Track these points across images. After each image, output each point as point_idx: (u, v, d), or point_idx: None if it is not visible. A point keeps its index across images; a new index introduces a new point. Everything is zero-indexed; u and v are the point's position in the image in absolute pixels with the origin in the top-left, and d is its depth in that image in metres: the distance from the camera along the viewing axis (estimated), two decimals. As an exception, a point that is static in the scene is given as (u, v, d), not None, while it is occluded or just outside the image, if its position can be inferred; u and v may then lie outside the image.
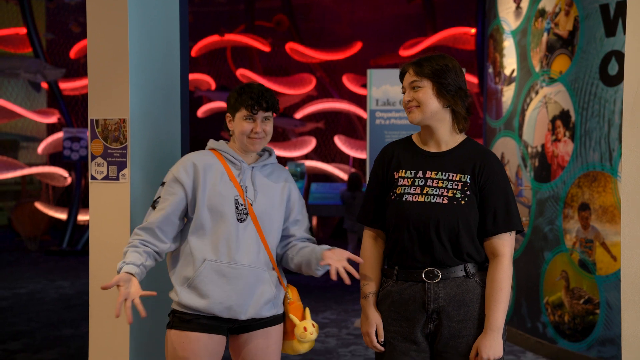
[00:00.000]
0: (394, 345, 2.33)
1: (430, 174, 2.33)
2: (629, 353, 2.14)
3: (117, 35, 2.97)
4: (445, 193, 2.29)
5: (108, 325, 2.98)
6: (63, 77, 11.61)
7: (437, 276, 2.28)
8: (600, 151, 4.72)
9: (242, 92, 2.54)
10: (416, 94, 2.32)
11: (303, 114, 13.05)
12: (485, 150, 2.38)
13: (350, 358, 5.14)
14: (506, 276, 2.27)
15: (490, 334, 2.25)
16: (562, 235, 5.02)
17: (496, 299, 2.26)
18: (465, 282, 2.29)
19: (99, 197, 3.01)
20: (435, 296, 2.28)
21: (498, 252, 2.29)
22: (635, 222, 2.15)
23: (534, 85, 5.37)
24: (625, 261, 2.16)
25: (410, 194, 2.32)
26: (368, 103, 6.19)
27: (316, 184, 10.11)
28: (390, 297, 2.34)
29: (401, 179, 2.35)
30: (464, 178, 2.30)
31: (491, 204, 2.29)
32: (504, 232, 2.29)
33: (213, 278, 2.46)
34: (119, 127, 2.97)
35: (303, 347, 2.59)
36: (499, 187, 2.30)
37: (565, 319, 4.98)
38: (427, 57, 2.36)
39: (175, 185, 2.50)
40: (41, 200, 12.24)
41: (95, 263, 3.01)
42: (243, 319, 2.49)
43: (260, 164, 2.59)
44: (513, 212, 2.30)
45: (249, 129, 2.52)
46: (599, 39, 4.72)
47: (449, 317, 2.28)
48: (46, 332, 5.91)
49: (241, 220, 2.49)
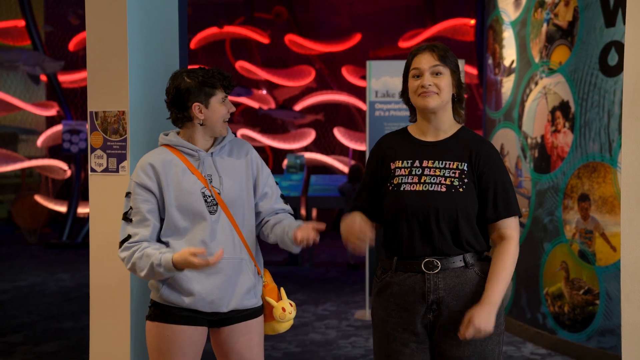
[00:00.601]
0: (394, 336, 2.33)
1: (427, 163, 2.33)
2: (628, 343, 2.14)
3: (116, 27, 2.96)
4: (443, 181, 2.29)
5: (108, 317, 2.98)
6: (62, 69, 11.59)
7: (437, 267, 2.28)
8: (600, 142, 4.71)
9: (210, 75, 2.42)
10: (438, 80, 2.31)
11: (302, 106, 13.03)
12: (481, 138, 2.39)
13: (351, 350, 5.15)
14: (512, 257, 2.28)
15: (485, 306, 2.22)
16: (561, 226, 5.02)
17: (498, 276, 2.26)
18: (464, 272, 2.29)
19: (98, 189, 3.01)
20: (435, 287, 2.28)
21: (506, 236, 2.30)
22: (635, 212, 2.15)
23: (533, 76, 5.36)
24: (625, 251, 2.17)
25: (408, 184, 2.32)
26: (367, 95, 6.18)
27: (316, 176, 10.10)
28: (390, 288, 2.34)
29: (398, 169, 2.35)
30: (462, 166, 2.31)
31: (490, 190, 2.30)
32: (505, 217, 2.30)
33: (192, 275, 2.42)
34: (119, 120, 2.97)
35: (282, 327, 2.60)
36: (497, 174, 2.31)
37: (565, 310, 4.99)
38: (440, 45, 2.36)
39: (142, 192, 2.41)
40: (41, 193, 12.24)
41: (96, 255, 3.02)
42: (225, 311, 2.47)
43: (217, 147, 2.50)
44: (512, 197, 2.32)
45: (226, 111, 2.46)
46: (599, 30, 4.71)
47: (449, 307, 2.28)
48: (47, 324, 5.92)
49: (212, 212, 2.43)
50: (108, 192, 2.99)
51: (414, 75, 2.34)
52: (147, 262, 2.36)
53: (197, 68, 2.48)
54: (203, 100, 2.42)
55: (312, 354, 5.01)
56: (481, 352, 2.28)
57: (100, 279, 3.00)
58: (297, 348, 5.14)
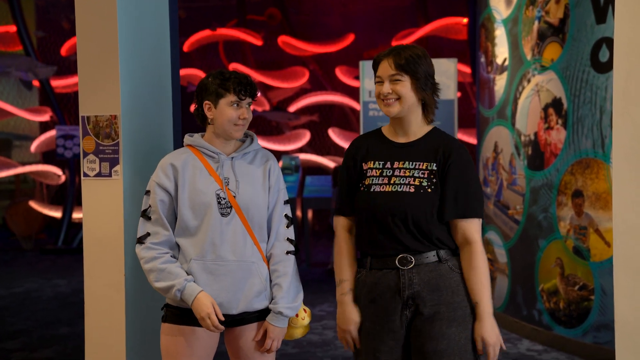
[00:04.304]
0: (372, 335, 2.35)
1: (398, 164, 2.36)
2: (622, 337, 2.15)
3: (107, 31, 2.96)
4: (412, 182, 2.32)
5: (104, 322, 2.98)
6: (54, 74, 11.56)
7: (411, 262, 2.31)
8: (592, 138, 4.72)
9: (226, 78, 2.50)
10: (396, 87, 2.33)
11: (297, 107, 13.03)
12: (451, 138, 2.41)
13: (348, 350, 5.15)
14: (483, 261, 2.31)
15: (487, 320, 2.28)
16: (556, 223, 5.03)
17: (481, 286, 2.29)
18: (438, 266, 2.31)
19: (91, 194, 3.00)
20: (409, 282, 2.30)
21: (470, 239, 2.31)
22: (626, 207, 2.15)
23: (525, 74, 5.37)
24: (617, 246, 2.17)
25: (378, 185, 2.35)
26: (361, 95, 6.19)
27: (311, 177, 10.09)
28: (366, 287, 2.37)
29: (370, 170, 2.39)
30: (430, 166, 2.33)
31: (452, 188, 2.31)
32: (458, 218, 2.30)
33: (201, 277, 2.45)
34: (111, 124, 2.97)
35: (297, 333, 2.60)
36: (461, 173, 2.32)
37: (561, 306, 5.00)
38: (401, 49, 2.36)
39: (160, 192, 2.48)
40: (35, 198, 12.20)
41: (90, 260, 3.01)
42: (235, 313, 2.49)
43: (240, 153, 2.56)
44: (476, 199, 2.32)
45: (236, 115, 2.49)
46: (590, 26, 4.73)
47: (424, 302, 2.30)
48: (43, 330, 5.91)
49: (225, 214, 2.47)
50: (101, 196, 2.98)
51: (377, 82, 2.40)
52: (168, 278, 2.43)
53: (231, 71, 2.55)
54: (213, 99, 2.50)
55: (310, 355, 5.01)
56: (456, 345, 2.30)
57: (95, 284, 2.99)
58: (294, 349, 5.14)
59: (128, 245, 2.95)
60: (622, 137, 2.16)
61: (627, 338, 2.13)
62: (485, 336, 2.27)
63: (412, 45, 2.40)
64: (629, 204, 2.14)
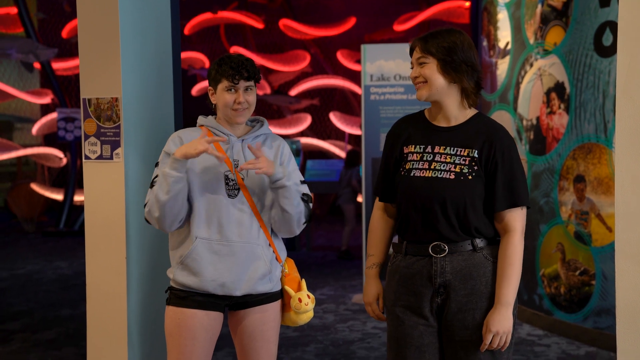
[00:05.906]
0: (402, 319, 2.34)
1: (439, 149, 2.32)
2: (623, 322, 2.15)
3: (108, 13, 2.94)
4: (453, 168, 2.29)
5: (105, 305, 2.98)
6: (55, 57, 11.53)
7: (444, 250, 2.29)
8: (595, 123, 4.71)
9: (221, 63, 2.50)
10: (422, 69, 2.31)
11: (298, 91, 13.00)
12: (496, 124, 2.36)
13: (349, 334, 5.17)
14: (517, 252, 2.27)
15: (498, 308, 2.25)
16: (557, 208, 5.03)
17: (506, 274, 2.26)
18: (472, 256, 2.29)
19: (93, 176, 3.00)
20: (441, 270, 2.29)
21: (509, 228, 2.29)
22: (629, 192, 2.15)
23: (528, 58, 5.34)
24: (619, 231, 2.17)
25: (418, 169, 2.32)
26: (362, 79, 6.16)
27: (312, 161, 10.09)
28: (399, 272, 2.36)
29: (410, 154, 2.36)
30: (472, 153, 2.29)
31: (499, 179, 2.28)
32: (509, 208, 2.28)
33: (205, 256, 2.46)
34: (112, 106, 2.96)
35: (301, 319, 2.60)
36: (506, 162, 2.29)
37: (562, 291, 5.01)
38: (434, 33, 2.33)
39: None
40: (37, 181, 12.22)
41: (91, 243, 3.01)
42: (238, 295, 2.49)
43: (251, 136, 2.56)
44: (520, 187, 2.29)
45: (232, 100, 2.48)
46: (593, 10, 4.70)
47: (456, 290, 2.28)
48: (44, 312, 5.94)
49: (232, 195, 2.47)
50: (102, 179, 2.97)
51: (411, 67, 2.38)
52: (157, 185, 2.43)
53: (232, 55, 2.54)
54: (214, 85, 2.53)
55: (310, 338, 5.03)
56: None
57: (96, 266, 3.00)
58: (295, 332, 5.16)
59: (130, 227, 2.95)
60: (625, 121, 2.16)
61: (628, 323, 2.14)
62: (490, 323, 2.24)
63: (448, 29, 2.34)
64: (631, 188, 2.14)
